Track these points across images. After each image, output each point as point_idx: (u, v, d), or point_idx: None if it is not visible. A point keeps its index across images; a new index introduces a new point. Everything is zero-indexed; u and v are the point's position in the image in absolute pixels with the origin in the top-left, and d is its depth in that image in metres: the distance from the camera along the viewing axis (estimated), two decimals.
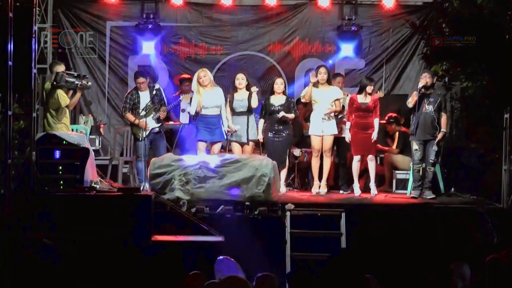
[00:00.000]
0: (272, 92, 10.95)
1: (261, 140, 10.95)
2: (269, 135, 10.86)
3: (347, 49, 13.12)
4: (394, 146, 11.94)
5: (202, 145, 10.79)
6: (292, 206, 9.54)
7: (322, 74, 10.77)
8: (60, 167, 9.34)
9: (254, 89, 10.79)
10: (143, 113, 10.97)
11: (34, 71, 9.40)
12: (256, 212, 9.43)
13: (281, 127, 10.83)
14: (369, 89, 10.73)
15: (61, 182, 9.31)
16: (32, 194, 8.97)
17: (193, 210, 9.44)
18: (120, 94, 13.13)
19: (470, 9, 9.85)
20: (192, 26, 13.29)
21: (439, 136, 10.45)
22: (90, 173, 9.56)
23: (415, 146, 10.53)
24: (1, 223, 8.52)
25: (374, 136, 10.65)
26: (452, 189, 11.42)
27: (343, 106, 11.06)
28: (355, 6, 13.10)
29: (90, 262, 8.48)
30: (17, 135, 11.14)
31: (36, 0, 9.55)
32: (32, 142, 9.32)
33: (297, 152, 11.82)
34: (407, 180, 11.19)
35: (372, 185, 10.72)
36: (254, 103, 10.76)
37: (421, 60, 12.37)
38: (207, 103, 10.69)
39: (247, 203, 9.52)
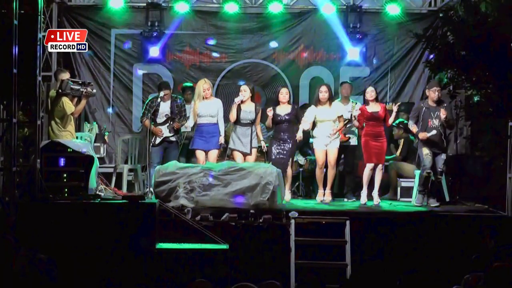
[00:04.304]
0: (278, 102, 10.93)
1: (260, 144, 10.90)
2: (274, 144, 10.79)
3: (352, 54, 13.11)
4: (398, 153, 11.93)
5: (200, 154, 10.78)
6: (297, 214, 9.52)
7: (323, 93, 10.75)
8: (65, 175, 9.34)
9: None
10: (158, 120, 11.03)
11: (39, 78, 9.43)
12: (260, 220, 9.43)
13: (286, 136, 10.76)
14: (368, 96, 10.72)
15: (66, 190, 9.30)
16: (37, 201, 8.98)
17: (198, 218, 9.44)
18: (124, 102, 13.17)
19: (474, 17, 9.83)
20: (197, 34, 13.29)
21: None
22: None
23: (426, 151, 10.48)
24: (5, 230, 8.53)
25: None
26: (457, 197, 11.40)
27: (351, 115, 11.02)
28: (359, 14, 13.10)
29: (94, 271, 8.50)
30: (22, 142, 11.16)
31: (41, 8, 9.56)
32: (37, 150, 9.34)
33: (301, 160, 11.81)
34: (412, 188, 11.18)
35: (376, 193, 10.70)
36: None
37: (425, 68, 12.35)
38: (202, 112, 10.72)
39: (251, 211, 9.51)
